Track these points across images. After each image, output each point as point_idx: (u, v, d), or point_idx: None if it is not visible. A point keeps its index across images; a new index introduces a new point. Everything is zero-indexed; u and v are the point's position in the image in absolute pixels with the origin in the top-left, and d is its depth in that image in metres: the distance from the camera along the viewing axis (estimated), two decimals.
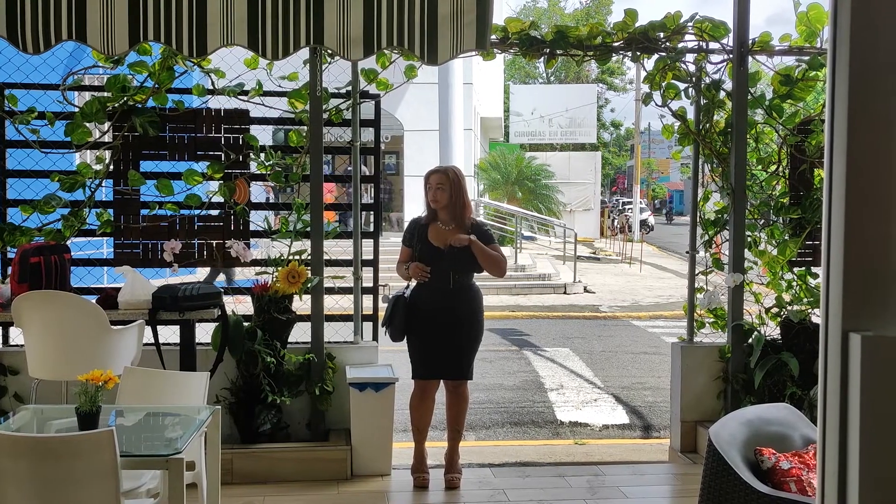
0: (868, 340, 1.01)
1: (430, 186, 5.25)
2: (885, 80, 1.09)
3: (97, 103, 5.45)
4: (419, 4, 3.58)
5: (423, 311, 5.24)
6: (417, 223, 5.40)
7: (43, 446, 3.17)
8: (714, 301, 6.01)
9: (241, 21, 3.47)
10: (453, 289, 5.23)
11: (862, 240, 1.03)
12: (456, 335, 5.24)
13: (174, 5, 3.45)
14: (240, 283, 5.88)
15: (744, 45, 5.77)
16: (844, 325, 1.04)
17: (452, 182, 5.25)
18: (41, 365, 4.77)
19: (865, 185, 1.04)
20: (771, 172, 6.21)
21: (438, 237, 5.26)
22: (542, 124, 32.68)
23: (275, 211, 6.21)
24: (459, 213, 5.27)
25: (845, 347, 1.02)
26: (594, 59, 5.99)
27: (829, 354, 1.07)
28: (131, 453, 3.36)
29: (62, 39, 3.46)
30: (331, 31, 3.50)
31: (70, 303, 4.84)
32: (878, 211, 1.04)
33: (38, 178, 5.66)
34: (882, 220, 1.05)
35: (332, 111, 5.70)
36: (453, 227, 5.26)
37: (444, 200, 5.22)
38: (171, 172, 5.72)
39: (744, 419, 3.61)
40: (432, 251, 5.24)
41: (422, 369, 5.32)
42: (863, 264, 1.03)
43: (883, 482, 1.02)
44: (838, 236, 1.05)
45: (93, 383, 3.44)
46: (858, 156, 1.03)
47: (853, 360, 1.00)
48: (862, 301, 1.04)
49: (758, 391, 5.74)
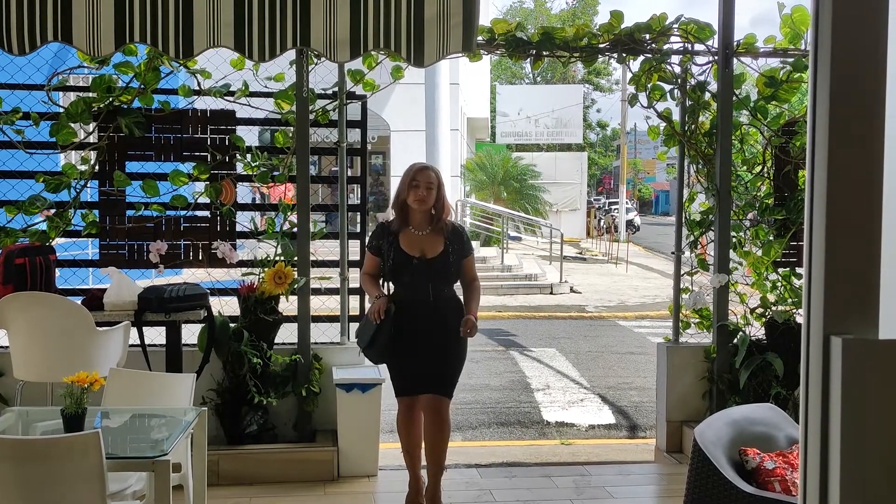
0: (849, 343, 1.02)
1: (418, 185, 4.66)
2: (866, 81, 1.10)
3: (82, 104, 5.44)
4: (405, 6, 3.59)
5: (403, 328, 4.69)
6: (387, 229, 4.79)
7: (28, 448, 3.16)
8: (699, 301, 6.04)
9: (228, 23, 3.47)
10: (433, 301, 4.70)
11: (843, 243, 1.04)
12: (441, 348, 4.71)
13: (160, 7, 3.45)
14: (225, 284, 5.85)
15: (729, 46, 5.80)
16: (826, 328, 1.05)
17: (439, 183, 4.76)
18: (26, 367, 4.76)
19: (846, 190, 1.05)
20: (756, 174, 6.25)
21: (412, 244, 4.71)
22: (529, 125, 32.75)
23: (261, 211, 6.17)
24: (438, 215, 4.74)
25: (827, 350, 1.03)
26: (580, 60, 6.01)
27: (811, 357, 1.08)
28: (117, 455, 3.35)
29: (48, 41, 3.45)
30: (317, 33, 3.50)
31: (55, 304, 4.82)
32: (859, 215, 1.06)
33: (23, 179, 5.63)
34: (863, 223, 1.06)
35: (318, 112, 5.70)
36: (429, 232, 4.74)
37: (431, 202, 4.69)
38: (157, 173, 5.71)
39: (729, 419, 3.63)
40: (405, 260, 4.69)
41: (407, 385, 4.80)
42: (844, 267, 1.04)
43: (863, 484, 1.03)
44: (819, 239, 1.06)
45: (78, 385, 3.42)
46: (839, 161, 1.04)
47: (834, 363, 1.01)
48: (843, 304, 1.05)
49: (743, 391, 5.77)
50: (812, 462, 1.07)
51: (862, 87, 1.09)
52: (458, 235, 4.80)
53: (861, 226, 1.05)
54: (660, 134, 6.19)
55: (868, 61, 1.12)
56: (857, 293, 1.03)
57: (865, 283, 1.04)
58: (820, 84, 1.11)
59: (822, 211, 1.06)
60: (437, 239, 4.73)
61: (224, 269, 5.88)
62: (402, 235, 4.74)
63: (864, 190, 1.06)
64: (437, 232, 4.73)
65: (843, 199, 1.04)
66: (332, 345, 5.91)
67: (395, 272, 4.72)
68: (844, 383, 1.01)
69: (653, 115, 6.05)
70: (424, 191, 4.66)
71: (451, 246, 4.73)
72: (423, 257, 4.68)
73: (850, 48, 1.14)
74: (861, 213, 1.04)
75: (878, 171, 1.02)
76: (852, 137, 1.05)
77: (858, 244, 1.04)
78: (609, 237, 29.19)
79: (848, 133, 1.05)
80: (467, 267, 4.82)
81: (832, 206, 1.04)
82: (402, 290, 4.77)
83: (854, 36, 1.13)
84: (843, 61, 1.13)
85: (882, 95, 1.09)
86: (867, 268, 1.04)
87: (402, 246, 4.70)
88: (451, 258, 4.72)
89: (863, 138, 1.06)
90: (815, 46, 1.19)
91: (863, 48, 1.14)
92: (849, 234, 1.05)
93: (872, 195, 1.06)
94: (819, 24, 1.24)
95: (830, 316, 1.05)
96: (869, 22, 1.14)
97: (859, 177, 1.05)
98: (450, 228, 4.77)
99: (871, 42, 1.11)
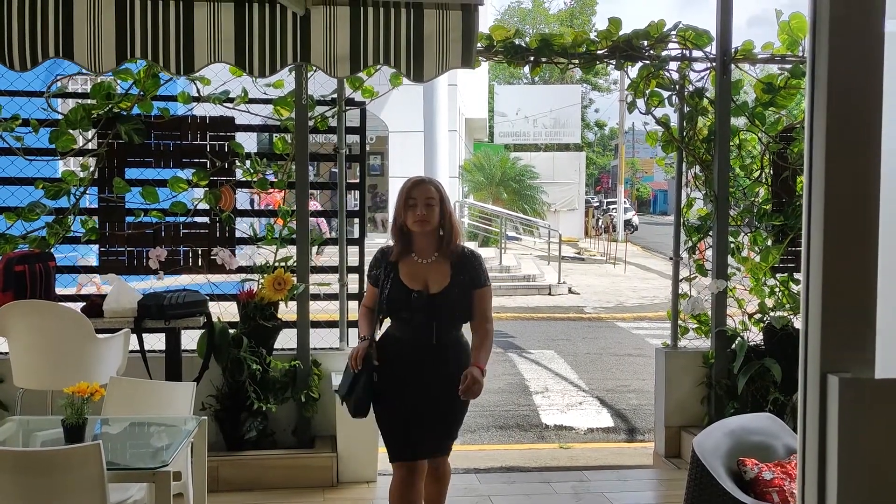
0: (846, 382, 1.03)
1: (415, 202, 3.86)
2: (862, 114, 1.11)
3: (82, 110, 5.45)
4: (405, 22, 3.61)
5: (397, 375, 3.91)
6: (385, 254, 4.02)
7: (29, 460, 3.17)
8: (698, 307, 6.05)
9: (229, 40, 3.49)
10: (437, 344, 3.87)
11: (840, 283, 1.06)
12: (444, 402, 3.89)
13: (161, 24, 3.47)
14: (224, 290, 5.85)
15: (726, 53, 5.82)
16: (823, 366, 1.06)
17: (442, 197, 3.94)
18: (26, 374, 4.77)
19: (843, 231, 1.07)
20: (754, 179, 6.27)
21: (414, 275, 3.91)
22: (527, 125, 32.77)
23: (259, 217, 6.19)
24: (447, 238, 3.93)
25: (824, 389, 1.04)
26: (578, 66, 6.02)
27: (808, 395, 1.10)
28: (118, 466, 3.37)
29: (49, 57, 3.48)
30: (317, 49, 3.52)
31: (55, 312, 4.83)
32: (856, 256, 1.07)
33: (23, 186, 5.64)
34: (859, 264, 1.07)
35: (317, 118, 5.71)
36: (434, 260, 3.93)
37: (435, 221, 3.87)
38: (157, 180, 5.71)
39: (727, 429, 3.65)
40: (403, 294, 3.88)
41: (405, 449, 3.96)
42: (841, 307, 1.05)
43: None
44: (816, 279, 1.07)
45: (79, 396, 3.44)
46: (836, 201, 1.06)
47: (831, 401, 1.03)
48: (840, 343, 1.06)
49: (741, 397, 5.79)
50: (809, 500, 1.08)
51: (858, 126, 1.10)
52: (469, 263, 3.97)
53: (857, 268, 1.06)
54: (658, 140, 6.21)
55: (864, 77, 1.13)
56: (854, 332, 1.05)
57: (862, 322, 1.05)
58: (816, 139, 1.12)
59: (818, 252, 1.07)
60: (443, 268, 3.92)
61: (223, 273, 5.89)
62: (403, 265, 3.95)
63: (859, 232, 1.07)
64: (444, 259, 3.93)
65: (838, 242, 1.05)
66: (332, 350, 5.92)
67: (392, 308, 3.93)
68: (841, 422, 1.02)
69: (651, 121, 6.07)
70: (423, 209, 3.86)
71: (458, 276, 3.91)
72: (426, 291, 3.87)
73: (847, 67, 1.15)
74: (857, 255, 1.06)
75: (874, 220, 1.03)
76: (848, 179, 1.06)
77: (855, 284, 1.05)
78: (607, 237, 29.21)
79: (843, 174, 1.06)
80: (478, 303, 3.97)
81: (828, 248, 1.06)
82: (399, 330, 3.98)
83: (851, 54, 1.14)
84: (840, 73, 1.14)
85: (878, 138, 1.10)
86: (863, 307, 1.05)
87: (401, 277, 3.91)
88: (457, 291, 3.89)
89: (858, 181, 1.07)
90: (812, 59, 1.20)
91: (859, 67, 1.16)
92: (845, 275, 1.06)
93: (868, 237, 1.07)
94: (816, 34, 1.26)
95: (827, 355, 1.06)
96: (865, 34, 1.15)
97: (854, 220, 1.06)
98: (458, 254, 3.96)
99: (867, 66, 1.13)
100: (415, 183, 3.96)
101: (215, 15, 3.43)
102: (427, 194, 3.89)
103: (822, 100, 1.14)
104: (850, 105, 1.09)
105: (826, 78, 1.17)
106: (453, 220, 3.99)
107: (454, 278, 3.90)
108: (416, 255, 3.96)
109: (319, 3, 3.51)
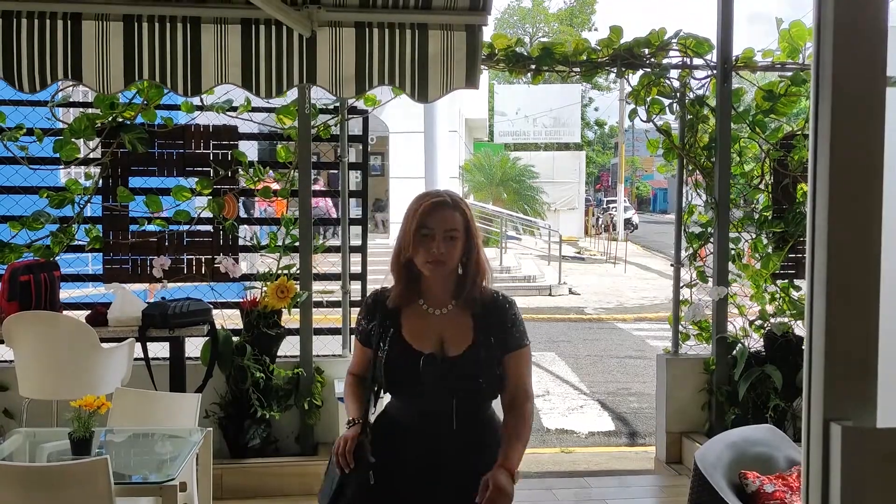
0: (848, 431, 1.06)
1: (431, 234, 2.71)
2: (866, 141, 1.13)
3: (86, 120, 5.48)
4: (409, 43, 3.64)
5: (399, 475, 2.75)
6: (380, 301, 2.86)
7: (37, 475, 3.20)
8: (699, 314, 6.08)
9: (235, 62, 3.52)
10: (457, 431, 2.72)
11: (843, 329, 1.08)
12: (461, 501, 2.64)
13: (168, 46, 3.50)
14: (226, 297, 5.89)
15: (727, 61, 5.84)
16: (826, 414, 1.09)
17: (468, 224, 2.77)
18: (32, 384, 4.79)
19: (846, 279, 1.09)
20: (754, 186, 6.29)
21: (423, 332, 2.77)
22: (527, 124, 32.78)
23: (261, 225, 6.21)
24: (471, 280, 2.78)
25: (827, 436, 1.07)
26: (580, 75, 6.05)
27: (811, 442, 1.12)
28: (125, 481, 3.40)
29: (57, 79, 3.51)
30: (323, 71, 3.55)
31: (60, 323, 4.86)
32: (859, 302, 1.09)
33: (27, 195, 5.67)
34: (862, 311, 1.09)
35: (320, 127, 5.73)
36: (452, 310, 2.80)
37: (455, 261, 2.74)
38: (160, 188, 5.74)
39: (728, 441, 3.68)
40: (409, 358, 2.74)
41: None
42: (843, 354, 1.08)
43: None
44: (820, 325, 1.10)
45: (86, 409, 3.47)
46: (839, 248, 1.08)
47: (834, 449, 1.05)
48: (843, 391, 1.08)
49: (742, 403, 5.81)
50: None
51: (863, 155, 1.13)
52: (501, 314, 2.81)
53: (860, 313, 1.09)
54: (659, 147, 6.24)
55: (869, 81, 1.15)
56: (857, 380, 1.07)
57: (864, 370, 1.07)
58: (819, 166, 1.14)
59: (822, 300, 1.10)
60: (464, 322, 2.77)
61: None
62: (407, 316, 2.80)
63: (863, 280, 1.09)
64: (465, 309, 2.79)
65: (842, 289, 1.08)
66: (334, 357, 5.95)
67: (392, 379, 2.76)
68: (843, 470, 1.04)
69: (652, 129, 6.09)
70: (442, 245, 2.69)
71: (485, 333, 2.76)
72: (441, 355, 2.72)
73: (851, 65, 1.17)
74: (860, 301, 1.08)
75: (875, 273, 1.06)
76: (849, 233, 1.08)
77: (859, 333, 1.08)
78: (607, 236, 29.23)
79: (847, 224, 1.09)
80: (513, 370, 2.77)
81: (831, 296, 1.08)
82: (403, 411, 2.83)
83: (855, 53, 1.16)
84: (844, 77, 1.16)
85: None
86: (866, 355, 1.07)
87: (404, 334, 2.77)
88: (483, 354, 2.73)
89: (861, 231, 1.09)
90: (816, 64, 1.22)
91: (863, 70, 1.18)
92: (848, 320, 1.08)
93: (870, 284, 1.10)
94: (821, 44, 1.28)
95: (830, 402, 1.09)
96: (870, 40, 1.17)
97: (858, 270, 1.08)
98: (486, 302, 2.80)
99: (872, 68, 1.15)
100: (433, 206, 2.71)
101: (222, 37, 3.46)
102: (449, 224, 2.69)
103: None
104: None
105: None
106: (480, 255, 2.78)
107: (480, 336, 2.74)
108: (425, 303, 2.80)
109: (325, 25, 3.54)
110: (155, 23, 3.58)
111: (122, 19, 3.62)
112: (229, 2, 3.61)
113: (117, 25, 3.56)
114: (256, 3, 3.23)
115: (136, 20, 3.58)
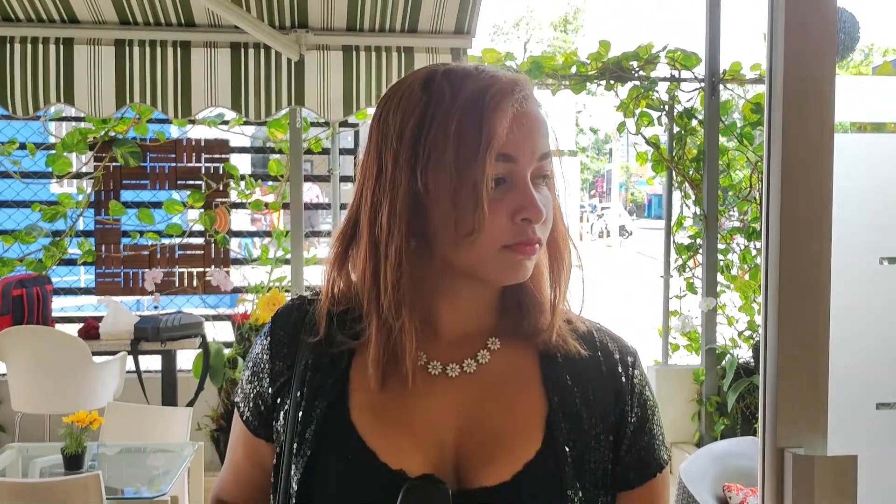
0: (799, 459, 1.10)
1: (521, 172, 1.06)
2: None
3: (78, 134, 5.52)
4: (396, 64, 3.68)
5: None
6: (307, 328, 1.16)
7: (29, 490, 3.22)
8: (688, 325, 6.12)
9: (225, 86, 3.58)
10: None
11: (794, 360, 1.12)
12: None
13: (159, 69, 3.55)
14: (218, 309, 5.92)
15: (715, 74, 5.89)
16: (778, 442, 1.13)
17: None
18: (25, 398, 4.82)
19: (797, 319, 1.14)
20: (743, 198, 6.34)
21: (409, 420, 1.06)
22: None
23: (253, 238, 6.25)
24: (545, 290, 1.19)
25: (780, 464, 1.11)
26: (569, 88, 6.10)
27: (766, 470, 1.16)
28: (117, 496, 3.43)
29: (50, 103, 3.56)
30: (311, 94, 3.61)
31: (53, 337, 4.89)
32: (809, 334, 1.14)
33: (20, 209, 5.71)
34: (812, 340, 1.14)
35: (311, 140, 5.78)
36: (489, 359, 1.12)
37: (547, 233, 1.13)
38: (152, 202, 5.78)
39: (713, 455, 3.72)
40: (376, 494, 1.01)
41: None
42: (795, 382, 1.12)
43: None
44: (773, 354, 1.14)
45: (78, 425, 3.50)
46: (789, 281, 1.13)
47: (787, 476, 1.10)
48: (794, 419, 1.13)
49: (731, 414, 5.85)
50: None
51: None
52: (615, 385, 1.18)
53: (810, 342, 1.13)
54: (648, 159, 6.29)
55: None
56: (808, 409, 1.11)
57: (815, 398, 1.12)
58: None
59: (774, 334, 1.14)
60: (522, 391, 1.12)
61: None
62: (367, 378, 1.08)
63: (811, 320, 1.14)
64: (521, 356, 1.16)
65: (793, 326, 1.12)
66: None
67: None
68: (795, 497, 1.09)
69: (641, 142, 6.14)
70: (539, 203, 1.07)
71: (572, 423, 1.10)
72: (457, 482, 1.04)
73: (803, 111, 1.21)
74: (809, 333, 1.13)
75: (825, 304, 1.11)
76: (799, 277, 1.13)
77: (808, 361, 1.12)
78: (601, 242, 29.25)
79: (796, 267, 1.13)
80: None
81: (783, 328, 1.12)
82: None
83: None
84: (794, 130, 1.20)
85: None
86: (815, 383, 1.12)
87: (358, 425, 1.06)
88: (566, 482, 1.05)
89: (810, 277, 1.14)
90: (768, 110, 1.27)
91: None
92: (800, 354, 1.13)
93: (819, 322, 1.14)
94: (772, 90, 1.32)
95: (783, 430, 1.13)
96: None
97: (806, 317, 1.13)
98: (578, 350, 1.21)
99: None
100: (523, 101, 1.06)
101: (212, 60, 3.52)
102: (543, 148, 1.11)
103: None
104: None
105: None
106: (565, 233, 1.23)
107: (560, 431, 1.09)
108: (424, 352, 1.11)
109: (313, 49, 3.60)
110: (146, 47, 3.64)
111: (113, 44, 3.69)
112: (219, 26, 3.68)
113: (109, 50, 3.63)
114: (245, 28, 3.29)
115: (128, 44, 3.64)
